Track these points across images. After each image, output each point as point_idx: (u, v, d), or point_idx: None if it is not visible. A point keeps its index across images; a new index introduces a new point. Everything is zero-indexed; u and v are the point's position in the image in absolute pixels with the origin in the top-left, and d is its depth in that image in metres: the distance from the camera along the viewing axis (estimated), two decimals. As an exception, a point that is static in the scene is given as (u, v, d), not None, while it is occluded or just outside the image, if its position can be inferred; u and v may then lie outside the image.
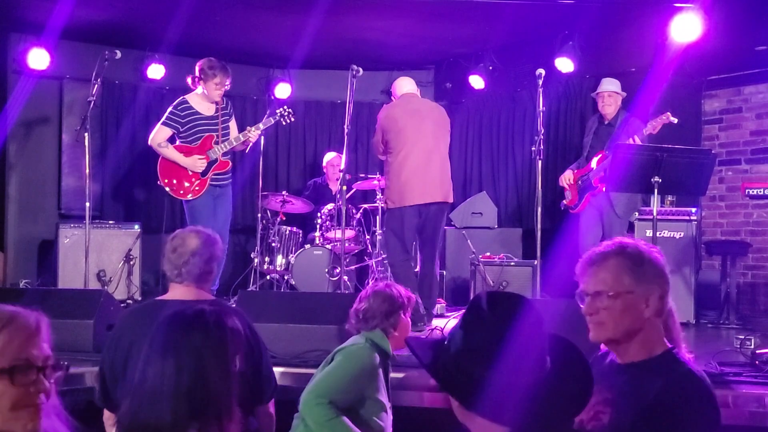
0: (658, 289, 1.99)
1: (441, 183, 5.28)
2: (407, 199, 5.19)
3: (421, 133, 5.23)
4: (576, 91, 7.20)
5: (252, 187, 7.34)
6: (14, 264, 7.07)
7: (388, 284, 3.23)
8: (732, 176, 6.69)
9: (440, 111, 5.51)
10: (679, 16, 5.48)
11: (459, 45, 7.48)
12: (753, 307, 6.48)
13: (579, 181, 5.87)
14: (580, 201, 5.83)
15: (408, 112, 5.31)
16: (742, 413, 3.40)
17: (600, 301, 1.99)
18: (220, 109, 5.69)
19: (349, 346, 3.05)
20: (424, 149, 5.21)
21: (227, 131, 5.71)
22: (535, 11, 6.29)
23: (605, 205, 5.68)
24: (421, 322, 4.95)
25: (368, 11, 6.48)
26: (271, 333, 4.05)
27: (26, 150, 7.21)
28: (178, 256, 2.84)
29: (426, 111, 5.38)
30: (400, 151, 5.22)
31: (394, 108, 5.39)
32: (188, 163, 5.53)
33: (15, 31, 6.96)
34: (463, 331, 1.51)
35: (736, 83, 6.66)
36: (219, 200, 5.70)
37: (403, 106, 5.38)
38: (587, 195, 5.76)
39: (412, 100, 5.45)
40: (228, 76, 5.59)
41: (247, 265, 6.92)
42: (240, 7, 6.43)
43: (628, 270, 1.99)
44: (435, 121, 5.35)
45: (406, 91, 5.50)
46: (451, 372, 1.50)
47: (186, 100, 5.61)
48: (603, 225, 5.70)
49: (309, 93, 8.24)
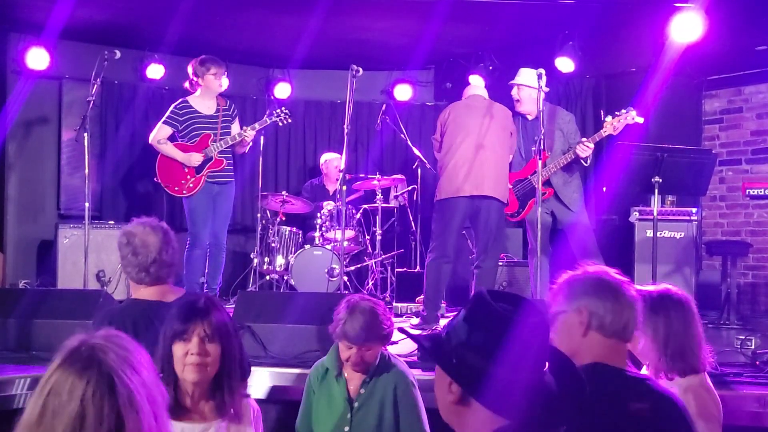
0: (588, 304, 2.00)
1: (490, 178, 5.03)
2: (449, 191, 5.05)
3: (471, 129, 5.07)
4: (576, 91, 7.20)
5: (252, 187, 7.33)
6: (13, 264, 7.06)
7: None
8: (732, 176, 6.69)
9: (502, 111, 5.27)
10: (679, 16, 5.48)
11: (459, 45, 7.47)
12: (753, 308, 6.48)
13: (517, 186, 5.41)
14: (522, 208, 5.40)
15: (463, 108, 5.22)
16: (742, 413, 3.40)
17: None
18: (222, 109, 5.73)
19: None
20: (473, 144, 5.04)
21: (227, 131, 5.73)
22: (535, 11, 6.28)
23: (556, 205, 5.33)
24: (434, 323, 4.97)
25: (368, 11, 6.48)
26: (271, 333, 4.05)
27: (25, 150, 7.20)
28: (144, 258, 2.81)
29: (481, 109, 5.18)
30: (450, 146, 5.12)
31: (452, 105, 5.34)
32: (184, 158, 5.59)
33: (14, 31, 6.95)
34: (467, 324, 1.51)
35: (736, 83, 6.66)
36: (218, 199, 5.71)
37: (460, 104, 5.31)
38: (531, 201, 5.31)
39: (472, 99, 5.33)
40: (221, 65, 5.68)
41: (247, 266, 6.92)
42: (240, 7, 6.43)
43: (563, 290, 2.07)
44: (492, 119, 5.15)
45: (471, 93, 5.40)
46: (452, 361, 1.50)
47: (186, 100, 5.72)
48: (558, 222, 5.36)
49: (309, 93, 8.23)
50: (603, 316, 1.97)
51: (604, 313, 1.97)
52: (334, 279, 6.22)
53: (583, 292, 2.01)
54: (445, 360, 1.51)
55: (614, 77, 6.93)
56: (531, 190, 5.31)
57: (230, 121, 5.80)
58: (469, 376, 1.47)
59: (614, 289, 2.00)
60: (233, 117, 5.83)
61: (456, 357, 1.48)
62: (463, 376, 1.48)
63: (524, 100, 5.37)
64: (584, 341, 1.98)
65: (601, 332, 1.97)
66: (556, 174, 5.28)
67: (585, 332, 1.98)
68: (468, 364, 1.46)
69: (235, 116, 5.86)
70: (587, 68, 6.92)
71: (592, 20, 6.29)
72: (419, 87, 8.28)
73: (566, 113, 5.49)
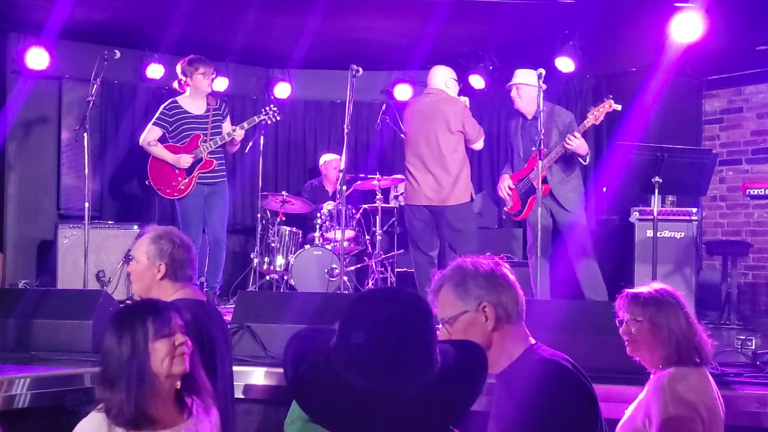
0: (487, 297, 2.00)
1: (438, 188, 5.42)
2: (410, 197, 5.46)
3: (414, 138, 5.49)
4: (576, 91, 7.20)
5: (252, 187, 7.33)
6: (13, 264, 7.05)
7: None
8: (733, 176, 6.69)
9: (445, 105, 5.50)
10: (680, 15, 5.47)
11: (459, 45, 7.47)
12: (754, 308, 6.48)
13: (518, 185, 5.48)
14: (524, 206, 5.45)
15: (409, 116, 5.57)
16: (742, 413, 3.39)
17: (447, 327, 2.02)
18: (212, 108, 5.73)
19: None
20: (418, 153, 5.47)
21: (217, 131, 5.73)
22: (535, 11, 6.27)
23: (553, 204, 5.36)
24: None
25: (368, 11, 6.47)
26: (271, 333, 4.04)
27: (25, 150, 7.19)
28: (191, 259, 2.87)
29: (423, 113, 5.53)
30: (405, 154, 5.51)
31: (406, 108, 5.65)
32: (174, 160, 5.60)
33: (14, 31, 6.94)
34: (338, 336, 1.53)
35: (736, 83, 6.66)
36: (211, 199, 5.72)
37: (409, 109, 5.66)
38: (531, 199, 5.36)
39: (420, 100, 5.67)
40: (209, 65, 5.69)
41: (247, 266, 6.91)
42: (240, 7, 6.42)
43: (452, 293, 2.03)
44: (433, 120, 5.48)
45: (428, 88, 5.64)
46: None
47: (175, 100, 5.73)
48: (556, 223, 5.40)
49: (309, 93, 8.23)
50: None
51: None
52: (334, 279, 6.22)
53: (478, 286, 2.03)
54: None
55: (614, 77, 6.93)
56: (531, 188, 5.32)
57: (221, 120, 5.80)
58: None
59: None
60: (224, 116, 5.83)
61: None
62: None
63: (524, 99, 5.39)
64: (493, 334, 2.02)
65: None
66: (552, 171, 5.28)
67: (495, 324, 2.01)
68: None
69: (226, 115, 5.85)
70: (587, 68, 6.92)
71: (592, 20, 6.29)
72: (419, 87, 8.26)
73: (566, 112, 5.49)
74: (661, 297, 2.44)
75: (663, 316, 2.41)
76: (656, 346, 2.41)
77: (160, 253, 2.81)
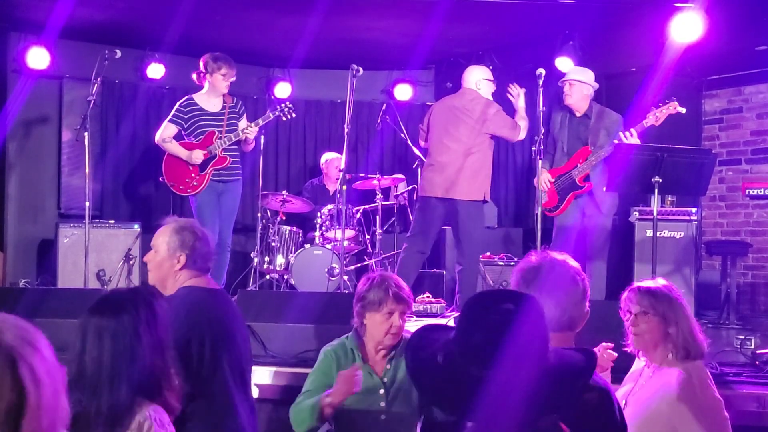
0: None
1: (461, 181, 5.53)
2: (426, 189, 5.56)
3: (443, 131, 5.59)
4: (576, 90, 7.18)
5: (252, 186, 7.33)
6: (14, 264, 7.06)
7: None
8: (732, 176, 6.69)
9: (472, 103, 5.63)
10: (679, 15, 5.47)
11: (459, 45, 7.47)
12: (753, 308, 6.48)
13: (558, 180, 5.49)
14: (561, 202, 5.45)
15: (438, 109, 5.70)
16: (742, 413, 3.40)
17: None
18: (228, 106, 5.70)
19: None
20: (446, 147, 5.56)
21: (233, 129, 5.70)
22: (535, 11, 6.28)
23: (588, 204, 5.41)
24: None
25: (368, 11, 6.48)
26: (271, 333, 4.06)
27: (26, 149, 7.20)
28: (207, 246, 2.88)
29: (453, 108, 5.63)
30: (429, 146, 5.61)
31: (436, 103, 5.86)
32: (187, 155, 5.58)
33: (15, 31, 6.95)
34: (458, 333, 1.55)
35: (736, 83, 6.66)
36: (223, 197, 5.70)
37: (441, 104, 5.80)
38: (570, 195, 5.41)
39: (457, 96, 5.72)
40: (233, 67, 5.64)
41: (247, 265, 6.91)
42: (240, 7, 6.43)
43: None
44: (464, 115, 5.59)
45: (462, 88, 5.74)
46: (439, 380, 1.58)
47: (191, 98, 5.69)
48: (584, 224, 5.43)
49: (309, 92, 8.23)
50: None
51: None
52: (334, 278, 6.22)
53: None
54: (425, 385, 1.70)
55: (614, 77, 6.92)
56: (571, 185, 5.42)
57: (237, 118, 5.77)
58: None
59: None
60: (240, 114, 5.80)
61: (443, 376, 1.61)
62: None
63: (575, 96, 5.48)
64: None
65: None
66: (595, 171, 5.31)
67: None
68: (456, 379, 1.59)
69: (243, 113, 5.83)
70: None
71: (592, 20, 6.29)
72: (419, 87, 8.28)
73: (615, 114, 5.51)
74: (671, 293, 2.51)
75: (673, 312, 2.46)
76: (664, 341, 2.45)
77: (182, 244, 2.82)
